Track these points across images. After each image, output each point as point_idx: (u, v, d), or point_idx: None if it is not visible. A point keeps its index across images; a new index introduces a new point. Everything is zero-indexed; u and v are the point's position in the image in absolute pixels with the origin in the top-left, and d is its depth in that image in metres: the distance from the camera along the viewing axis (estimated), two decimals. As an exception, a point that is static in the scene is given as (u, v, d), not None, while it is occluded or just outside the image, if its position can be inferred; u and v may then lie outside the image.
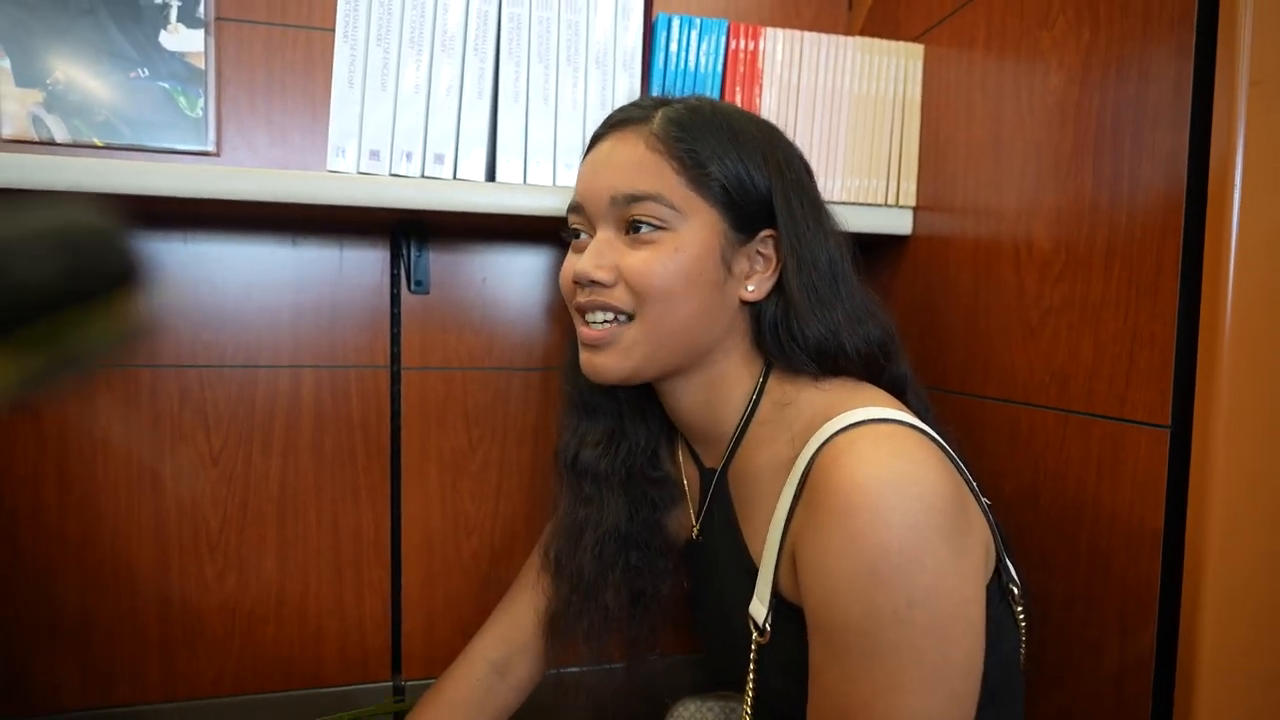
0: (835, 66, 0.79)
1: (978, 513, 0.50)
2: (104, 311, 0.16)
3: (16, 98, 0.74)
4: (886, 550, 0.42)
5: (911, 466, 0.44)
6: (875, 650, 0.43)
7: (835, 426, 0.48)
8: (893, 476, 0.43)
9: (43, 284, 0.15)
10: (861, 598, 0.43)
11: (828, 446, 0.47)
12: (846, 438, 0.46)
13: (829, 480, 0.45)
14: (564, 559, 0.63)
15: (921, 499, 0.43)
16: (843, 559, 0.43)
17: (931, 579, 0.42)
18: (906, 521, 0.42)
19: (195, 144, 0.79)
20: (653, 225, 0.52)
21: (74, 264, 0.15)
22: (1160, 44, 0.53)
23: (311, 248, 0.83)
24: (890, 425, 0.47)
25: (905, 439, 0.46)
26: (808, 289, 0.53)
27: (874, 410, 0.48)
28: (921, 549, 0.42)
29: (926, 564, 0.42)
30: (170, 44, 0.77)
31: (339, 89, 0.68)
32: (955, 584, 0.43)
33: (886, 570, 0.42)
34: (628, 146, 0.54)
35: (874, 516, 0.43)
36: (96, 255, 0.16)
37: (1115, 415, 0.56)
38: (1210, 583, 0.49)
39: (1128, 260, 0.55)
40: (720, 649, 0.61)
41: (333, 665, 0.85)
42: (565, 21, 0.73)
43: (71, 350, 0.15)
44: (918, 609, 0.42)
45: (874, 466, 0.44)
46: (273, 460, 0.83)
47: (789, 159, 0.56)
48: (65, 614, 0.78)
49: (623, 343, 0.53)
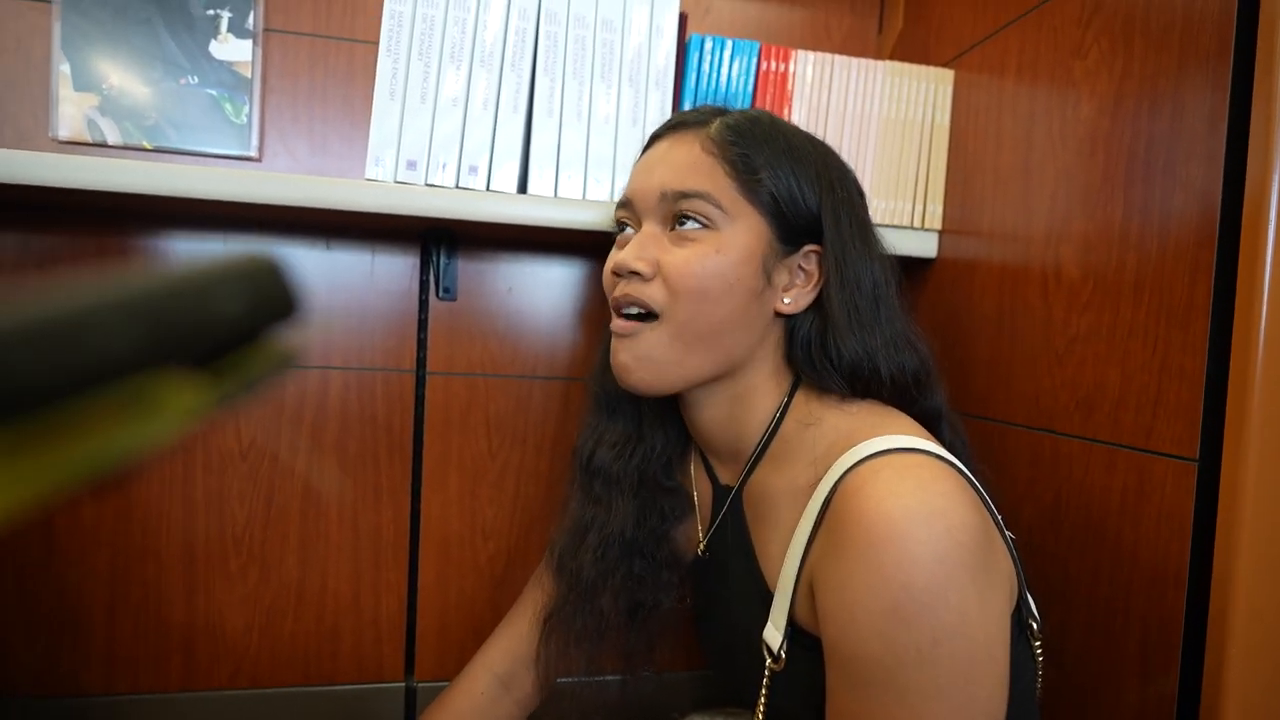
0: (864, 90, 0.79)
1: (1003, 548, 0.49)
2: (277, 342, 0.18)
3: (74, 101, 0.77)
4: (911, 587, 0.41)
5: (938, 500, 0.43)
6: (896, 687, 0.42)
7: (859, 454, 0.47)
8: (919, 509, 0.42)
9: (238, 317, 0.17)
10: (884, 634, 0.42)
11: (851, 475, 0.46)
12: (870, 467, 0.46)
13: (852, 510, 0.44)
14: (566, 557, 0.63)
15: (949, 534, 0.42)
16: (865, 593, 0.42)
17: (957, 617, 0.41)
18: (933, 556, 0.41)
19: (239, 149, 0.81)
20: (698, 222, 0.52)
21: (258, 300, 0.17)
22: (1195, 77, 0.53)
23: (344, 252, 0.85)
24: (917, 455, 0.46)
25: (932, 470, 0.45)
26: (849, 307, 0.52)
27: (900, 439, 0.47)
28: (948, 586, 0.41)
29: (952, 601, 0.41)
30: (220, 53, 0.80)
31: (380, 100, 0.70)
32: (980, 621, 0.42)
33: (911, 607, 0.41)
34: (683, 147, 0.54)
35: (899, 551, 0.41)
36: (274, 293, 0.18)
37: (1141, 446, 0.56)
38: (1237, 626, 0.48)
39: (1158, 290, 0.55)
40: (729, 668, 0.60)
41: (348, 663, 0.86)
42: (600, 40, 0.75)
43: (254, 374, 0.17)
44: (942, 647, 0.41)
45: (899, 498, 0.43)
46: (299, 458, 0.85)
47: (842, 178, 0.56)
48: (94, 602, 0.80)
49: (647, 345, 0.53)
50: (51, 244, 0.79)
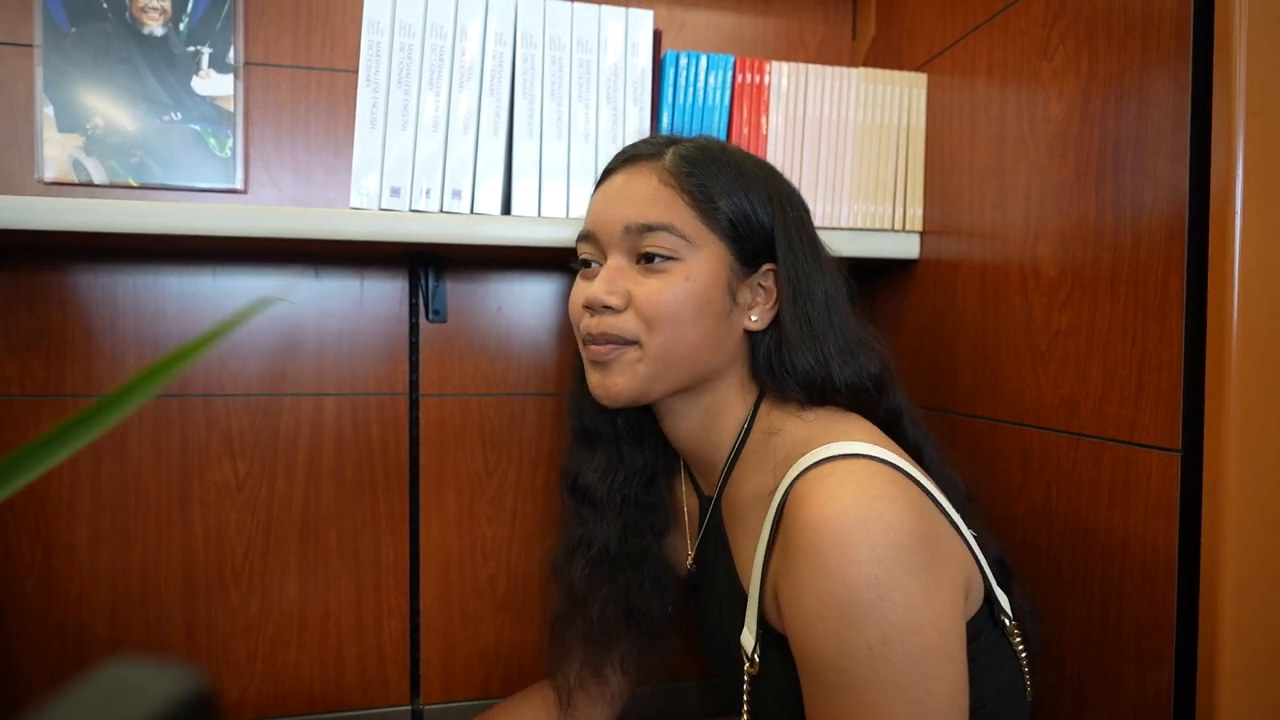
0: (840, 97, 0.80)
1: (957, 547, 0.50)
2: None
3: (58, 142, 0.78)
4: (855, 588, 0.43)
5: (878, 504, 0.45)
6: (854, 686, 0.43)
7: (810, 460, 0.49)
8: (859, 514, 0.44)
9: None
10: (835, 634, 0.43)
11: (800, 481, 0.48)
12: (817, 473, 0.47)
13: (799, 516, 0.46)
14: (561, 569, 0.67)
15: (888, 534, 0.43)
16: (814, 597, 0.44)
17: (903, 615, 0.43)
18: (873, 558, 0.43)
19: (224, 183, 0.82)
20: (665, 255, 0.54)
21: None
22: (1158, 76, 0.54)
23: (333, 279, 0.86)
24: (860, 460, 0.48)
25: (874, 475, 0.47)
26: (801, 320, 0.55)
27: (849, 445, 0.49)
28: (891, 585, 0.43)
29: (897, 600, 0.43)
30: (202, 89, 0.81)
31: (361, 129, 0.71)
32: (929, 618, 0.44)
33: (857, 608, 0.43)
34: (641, 179, 0.56)
35: (841, 554, 0.43)
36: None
37: (1125, 439, 0.56)
38: (1226, 611, 0.49)
39: (1134, 285, 0.56)
40: (724, 675, 0.62)
41: (353, 689, 0.86)
42: (577, 60, 0.76)
43: None
44: (893, 645, 0.42)
45: (838, 503, 0.45)
46: (296, 486, 0.85)
47: (789, 198, 0.58)
48: (95, 640, 0.80)
49: (628, 359, 0.55)
50: (42, 283, 0.79)
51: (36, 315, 0.79)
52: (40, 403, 0.79)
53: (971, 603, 0.50)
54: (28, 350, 0.79)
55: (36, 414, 0.79)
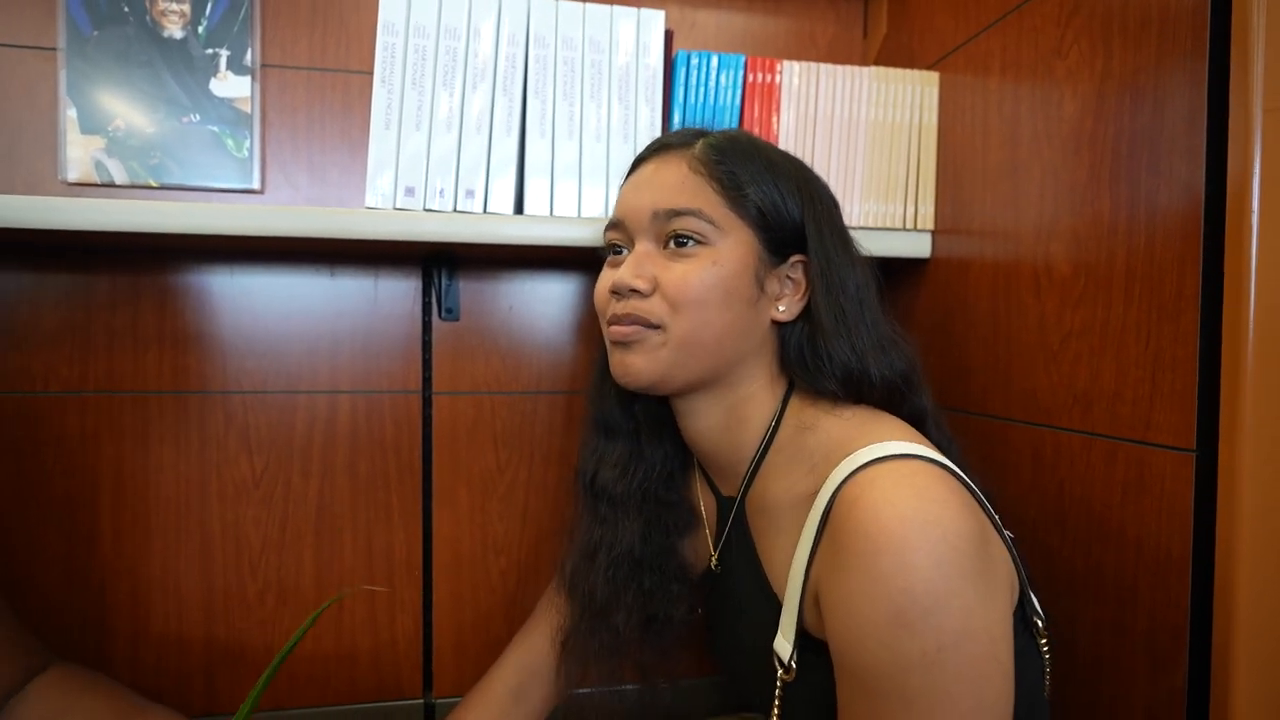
0: (851, 95, 0.80)
1: (1001, 548, 0.49)
2: None
3: (81, 144, 0.79)
4: (913, 594, 0.41)
5: (935, 506, 0.44)
6: (904, 694, 0.42)
7: (857, 462, 0.47)
8: (916, 517, 0.43)
9: None
10: (889, 642, 0.42)
11: (849, 484, 0.47)
12: (868, 475, 0.46)
13: (851, 520, 0.45)
14: (578, 579, 0.64)
15: (946, 540, 0.42)
16: (868, 603, 0.43)
17: (959, 621, 0.42)
18: (932, 563, 0.42)
19: (241, 183, 0.83)
20: (693, 239, 0.54)
21: None
22: (1173, 74, 0.54)
23: (348, 278, 0.87)
24: (913, 462, 0.47)
25: (928, 476, 0.46)
26: (835, 312, 0.54)
27: (895, 445, 0.48)
28: (948, 591, 0.42)
29: (954, 606, 0.42)
30: (220, 90, 0.82)
31: (376, 129, 0.72)
32: (983, 624, 0.43)
33: (913, 614, 0.41)
34: (671, 168, 0.56)
35: (898, 559, 0.42)
36: None
37: (1139, 439, 0.56)
38: (1240, 613, 0.48)
39: (1148, 284, 0.56)
40: (742, 677, 0.61)
41: (367, 683, 0.88)
42: (589, 60, 0.76)
43: None
44: (947, 652, 0.41)
45: (897, 507, 0.43)
46: (311, 482, 0.86)
47: (819, 191, 0.58)
48: (117, 632, 0.82)
49: (651, 342, 0.54)
50: (66, 282, 0.81)
51: (61, 313, 0.81)
52: (65, 399, 0.81)
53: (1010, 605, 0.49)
54: (53, 348, 0.81)
55: (62, 410, 0.81)
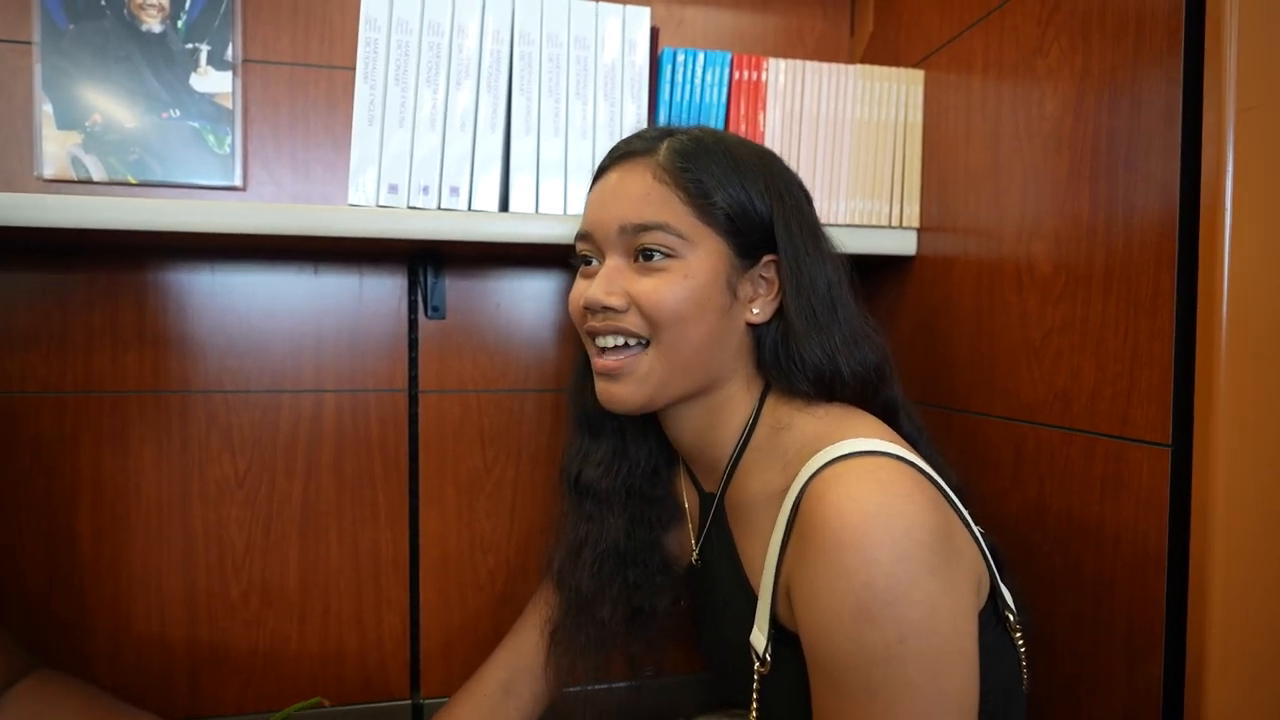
0: (837, 93, 0.81)
1: (967, 542, 0.50)
2: None
3: (58, 140, 0.78)
4: (874, 587, 0.43)
5: (898, 501, 0.45)
6: (870, 685, 0.43)
7: (825, 458, 0.48)
8: (878, 512, 0.44)
9: None
10: (852, 634, 0.43)
11: (816, 480, 0.48)
12: (834, 471, 0.47)
13: (816, 515, 0.46)
14: (565, 574, 0.65)
15: (909, 534, 0.43)
16: (832, 596, 0.44)
17: (921, 613, 0.43)
18: (894, 557, 0.43)
19: (223, 180, 0.82)
20: (662, 253, 0.54)
21: None
22: (1150, 73, 0.54)
23: (332, 276, 0.86)
24: (877, 458, 0.48)
25: (891, 472, 0.47)
26: (805, 312, 0.54)
27: (863, 442, 0.49)
28: (910, 584, 0.43)
29: (915, 599, 0.43)
30: (200, 86, 0.81)
31: (359, 126, 0.71)
32: (946, 616, 0.44)
33: (876, 607, 0.43)
34: (635, 177, 0.55)
35: (860, 553, 0.43)
36: None
37: (1117, 434, 0.57)
38: (1216, 605, 0.49)
39: (1126, 281, 0.56)
40: (724, 672, 0.62)
41: (354, 683, 0.87)
42: (574, 57, 0.76)
43: None
44: (909, 644, 0.43)
45: (858, 502, 0.44)
46: (295, 482, 0.85)
47: (788, 186, 0.58)
48: (97, 633, 0.81)
49: (639, 371, 0.55)
50: (42, 280, 0.80)
51: (37, 312, 0.80)
52: (41, 399, 0.80)
53: (980, 598, 0.50)
54: (29, 347, 0.79)
55: (39, 410, 0.79)
